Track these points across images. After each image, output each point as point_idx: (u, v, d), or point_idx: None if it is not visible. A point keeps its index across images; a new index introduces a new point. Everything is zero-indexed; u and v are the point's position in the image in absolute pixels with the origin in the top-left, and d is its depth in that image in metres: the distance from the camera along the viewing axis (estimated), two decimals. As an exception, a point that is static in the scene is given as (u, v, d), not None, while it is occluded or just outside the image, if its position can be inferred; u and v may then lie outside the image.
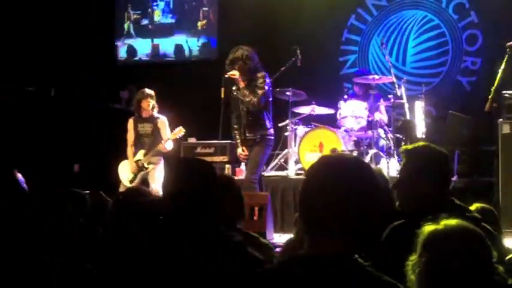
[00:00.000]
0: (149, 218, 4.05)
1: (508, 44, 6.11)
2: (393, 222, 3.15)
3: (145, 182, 8.21)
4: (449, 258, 2.03)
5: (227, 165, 8.48)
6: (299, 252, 2.14)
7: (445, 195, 3.14)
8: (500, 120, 7.02)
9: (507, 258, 3.25)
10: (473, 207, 3.96)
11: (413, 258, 2.14)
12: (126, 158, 8.44)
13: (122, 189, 8.11)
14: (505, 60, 6.13)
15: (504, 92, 7.02)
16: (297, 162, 8.49)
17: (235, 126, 7.38)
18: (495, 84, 5.92)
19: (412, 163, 3.19)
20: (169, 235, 2.99)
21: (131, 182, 8.27)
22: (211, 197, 3.00)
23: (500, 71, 6.12)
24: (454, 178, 8.10)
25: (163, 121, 8.38)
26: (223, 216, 3.19)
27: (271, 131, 7.31)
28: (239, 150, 7.37)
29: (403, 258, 2.19)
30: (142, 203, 4.59)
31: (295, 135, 8.68)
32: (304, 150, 8.38)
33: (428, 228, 2.11)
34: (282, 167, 8.70)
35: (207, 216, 2.98)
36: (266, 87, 7.16)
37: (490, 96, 5.88)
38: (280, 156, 8.71)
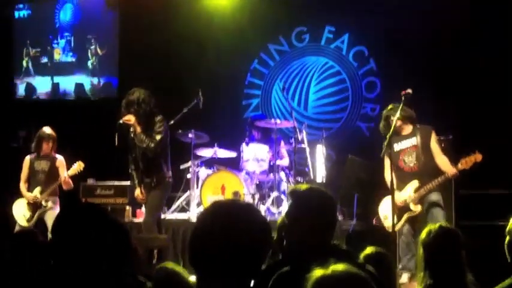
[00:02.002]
0: (42, 261, 3.90)
1: (403, 92, 6.32)
2: (281, 267, 3.10)
3: (42, 221, 7.98)
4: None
5: (127, 207, 8.32)
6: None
7: (329, 239, 3.09)
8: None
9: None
10: (367, 251, 4.02)
11: (300, 302, 2.13)
12: (20, 197, 8.19)
13: (17, 228, 7.87)
14: (400, 108, 6.33)
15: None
16: (199, 204, 8.43)
17: (133, 167, 7.23)
18: (390, 131, 6.10)
19: (294, 205, 3.14)
20: (58, 280, 2.87)
21: (28, 221, 8.03)
22: (101, 241, 2.91)
23: (394, 118, 6.33)
24: (353, 221, 8.26)
25: (61, 160, 8.29)
26: (113, 261, 3.09)
27: (169, 174, 7.18)
28: (137, 192, 7.22)
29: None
30: (37, 246, 4.44)
31: (197, 178, 8.64)
32: (207, 193, 8.35)
33: (316, 273, 2.10)
34: (184, 209, 8.61)
35: (96, 261, 2.89)
36: (164, 132, 7.05)
37: (385, 143, 6.05)
38: (181, 198, 8.62)
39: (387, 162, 6.79)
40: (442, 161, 6.81)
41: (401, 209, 6.84)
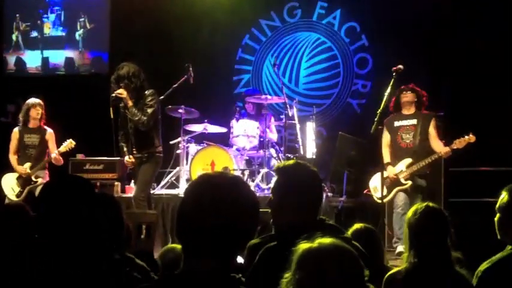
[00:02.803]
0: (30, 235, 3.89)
1: (394, 68, 6.30)
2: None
3: (32, 194, 7.94)
4: (322, 276, 2.02)
5: (116, 183, 8.30)
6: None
7: (315, 214, 3.08)
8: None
9: (385, 276, 3.30)
10: (355, 227, 4.02)
11: (287, 275, 2.12)
12: (8, 171, 8.16)
13: (7, 202, 7.85)
14: (390, 84, 6.30)
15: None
16: (189, 180, 8.41)
17: (122, 143, 7.19)
18: (381, 107, 6.09)
19: (281, 181, 3.14)
20: (44, 254, 2.85)
21: (18, 196, 7.99)
22: (89, 215, 2.89)
23: (386, 94, 6.29)
24: (343, 198, 8.27)
25: (51, 133, 8.26)
26: (101, 236, 3.07)
27: (160, 148, 7.16)
28: (126, 158, 7.16)
29: (277, 277, 2.17)
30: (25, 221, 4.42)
31: (187, 153, 8.61)
32: (196, 169, 8.33)
33: (302, 246, 2.10)
34: (173, 185, 8.60)
35: (83, 235, 2.87)
36: (155, 105, 7.03)
37: (375, 119, 6.03)
38: (171, 174, 8.60)
39: (385, 135, 7.20)
40: (437, 144, 7.12)
41: (393, 183, 7.15)
